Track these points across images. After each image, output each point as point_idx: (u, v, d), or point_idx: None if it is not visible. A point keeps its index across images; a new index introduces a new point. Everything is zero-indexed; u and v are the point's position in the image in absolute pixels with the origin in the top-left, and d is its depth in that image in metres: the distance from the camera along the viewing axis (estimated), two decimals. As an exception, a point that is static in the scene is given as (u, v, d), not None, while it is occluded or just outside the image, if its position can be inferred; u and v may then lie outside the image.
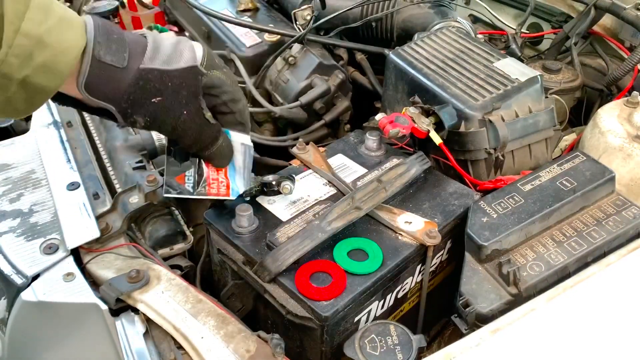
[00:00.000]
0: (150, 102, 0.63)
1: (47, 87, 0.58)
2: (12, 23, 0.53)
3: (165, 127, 0.67)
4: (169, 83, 0.64)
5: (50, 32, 0.56)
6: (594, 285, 0.68)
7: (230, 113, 0.71)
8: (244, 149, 0.75)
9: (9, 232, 0.82)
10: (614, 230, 0.76)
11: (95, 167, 1.00)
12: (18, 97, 0.57)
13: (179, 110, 0.65)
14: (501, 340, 0.62)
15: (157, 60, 0.63)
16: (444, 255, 0.84)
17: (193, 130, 0.68)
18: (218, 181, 0.77)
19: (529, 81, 0.92)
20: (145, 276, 0.73)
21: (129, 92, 0.62)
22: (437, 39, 1.05)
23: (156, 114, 0.65)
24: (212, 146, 0.71)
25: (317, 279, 0.70)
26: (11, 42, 0.53)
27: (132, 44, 0.63)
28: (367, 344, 0.64)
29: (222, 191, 0.77)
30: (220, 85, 0.68)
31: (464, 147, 0.90)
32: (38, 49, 0.55)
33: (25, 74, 0.55)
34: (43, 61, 0.56)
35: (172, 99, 0.64)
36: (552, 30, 1.38)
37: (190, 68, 0.65)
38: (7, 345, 0.82)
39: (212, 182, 0.77)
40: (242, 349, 0.64)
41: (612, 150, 0.89)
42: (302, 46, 1.21)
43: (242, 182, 0.78)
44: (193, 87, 0.65)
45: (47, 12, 0.57)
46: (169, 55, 0.65)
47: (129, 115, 0.64)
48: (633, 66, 1.10)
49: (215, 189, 0.77)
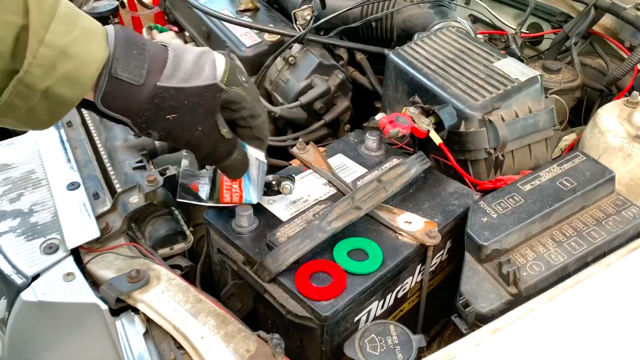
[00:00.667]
0: (165, 119, 0.63)
1: (70, 98, 0.58)
2: (36, 33, 0.54)
3: (180, 141, 0.67)
4: (185, 101, 0.63)
5: (74, 43, 0.56)
6: (594, 285, 0.68)
7: (248, 128, 0.70)
8: (258, 164, 0.75)
9: (9, 232, 0.82)
10: (614, 230, 0.76)
11: (95, 167, 1.00)
12: (41, 108, 0.57)
13: (193, 126, 0.65)
14: (501, 340, 0.62)
15: (175, 78, 0.63)
16: (444, 255, 0.84)
17: (207, 145, 0.68)
18: (232, 190, 0.78)
19: (529, 81, 0.92)
20: (145, 276, 0.73)
21: (143, 108, 0.62)
22: (437, 39, 1.05)
23: (170, 130, 0.65)
24: (225, 160, 0.71)
25: (317, 279, 0.70)
26: (35, 52, 0.54)
27: (152, 59, 0.62)
28: (367, 344, 0.64)
29: (235, 200, 0.78)
30: (240, 102, 0.67)
31: (464, 147, 0.90)
32: (61, 59, 0.55)
33: (48, 85, 0.55)
34: (66, 72, 0.56)
35: (187, 116, 0.64)
36: (552, 30, 1.38)
37: (209, 86, 0.64)
38: (7, 345, 0.82)
39: (226, 191, 0.78)
40: (242, 349, 0.64)
41: (612, 150, 0.89)
42: (302, 46, 1.21)
43: (255, 195, 0.78)
44: (210, 105, 0.65)
45: (72, 23, 0.57)
46: (188, 72, 0.64)
47: (144, 128, 0.64)
48: (633, 66, 1.10)
49: (228, 198, 0.78)
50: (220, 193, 0.78)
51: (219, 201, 0.78)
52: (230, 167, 0.72)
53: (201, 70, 0.64)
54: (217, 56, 0.67)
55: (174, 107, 0.63)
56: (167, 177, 0.89)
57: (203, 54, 0.66)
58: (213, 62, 0.66)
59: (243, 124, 0.70)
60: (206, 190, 0.78)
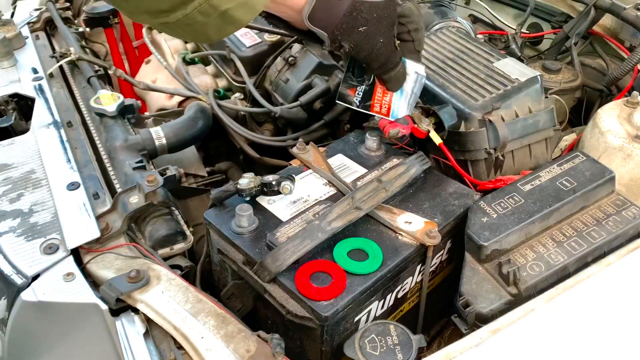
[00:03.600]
0: (357, 31, 0.72)
1: (242, 20, 0.64)
2: None
3: (363, 53, 0.76)
4: (375, 14, 0.72)
5: None
6: (594, 285, 0.68)
7: (411, 41, 0.79)
8: (416, 77, 0.83)
9: (9, 232, 0.82)
10: (614, 230, 0.76)
11: (95, 167, 1.00)
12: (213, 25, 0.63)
13: (377, 38, 0.74)
14: (501, 340, 0.62)
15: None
16: (443, 255, 0.84)
17: (383, 56, 0.77)
18: (382, 102, 0.86)
19: (529, 81, 0.92)
20: (145, 276, 0.73)
21: (342, 21, 0.71)
22: (437, 39, 1.05)
23: (359, 41, 0.73)
24: (392, 71, 0.80)
25: (317, 279, 0.70)
26: None
27: None
28: (367, 344, 0.64)
29: (383, 111, 0.88)
30: (409, 15, 0.76)
31: (464, 147, 0.90)
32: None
33: (229, 7, 0.61)
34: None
35: (374, 28, 0.73)
36: (552, 30, 1.38)
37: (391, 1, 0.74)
38: (7, 345, 0.82)
39: (376, 102, 0.88)
40: (242, 349, 0.64)
41: (612, 150, 0.89)
42: (302, 46, 1.21)
43: (406, 107, 0.86)
44: (392, 17, 0.75)
45: None
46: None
47: (337, 41, 0.73)
48: (633, 66, 1.11)
49: (378, 108, 0.87)
50: (372, 102, 0.88)
51: (369, 109, 0.88)
52: (395, 77, 0.82)
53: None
54: None
55: (366, 19, 0.72)
56: (167, 177, 0.89)
57: None
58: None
59: (407, 38, 0.79)
60: (360, 97, 0.88)
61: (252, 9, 0.63)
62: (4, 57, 1.28)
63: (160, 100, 1.33)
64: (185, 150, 1.13)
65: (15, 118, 1.15)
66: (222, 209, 0.82)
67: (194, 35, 0.66)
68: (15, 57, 1.31)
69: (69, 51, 1.29)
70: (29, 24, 1.50)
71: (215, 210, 0.82)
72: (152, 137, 1.03)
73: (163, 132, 1.05)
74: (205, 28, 0.63)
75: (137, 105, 1.14)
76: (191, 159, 1.17)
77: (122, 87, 1.54)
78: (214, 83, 1.36)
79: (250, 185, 0.80)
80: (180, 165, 1.07)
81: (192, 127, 1.10)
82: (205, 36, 0.66)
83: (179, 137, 1.07)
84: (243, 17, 0.63)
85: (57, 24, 1.49)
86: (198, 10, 0.60)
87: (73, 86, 1.26)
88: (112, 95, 1.11)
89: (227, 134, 1.19)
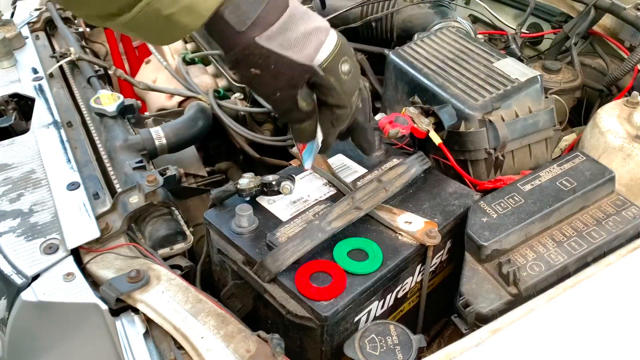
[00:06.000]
0: (249, 70, 0.65)
1: (188, 25, 0.61)
2: None
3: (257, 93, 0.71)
4: (273, 65, 0.64)
5: None
6: (594, 285, 0.68)
7: (329, 112, 0.71)
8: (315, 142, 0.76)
9: (9, 232, 0.82)
10: (614, 230, 0.76)
11: (95, 167, 1.00)
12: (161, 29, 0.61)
13: (273, 89, 0.67)
14: (501, 340, 0.62)
15: (275, 42, 0.63)
16: (444, 255, 0.84)
17: (280, 109, 0.70)
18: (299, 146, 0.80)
19: (529, 81, 0.92)
20: (145, 276, 0.73)
21: (234, 53, 0.64)
22: (437, 39, 1.05)
23: (251, 82, 0.67)
24: (294, 124, 0.72)
25: (317, 279, 0.70)
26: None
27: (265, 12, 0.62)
28: (367, 344, 0.64)
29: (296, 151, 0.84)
30: (328, 90, 0.68)
31: (463, 147, 0.90)
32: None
33: (172, 12, 0.58)
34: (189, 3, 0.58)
35: (269, 78, 0.65)
36: (552, 30, 1.38)
37: (302, 65, 0.64)
38: (7, 345, 0.82)
39: None
40: (242, 349, 0.64)
41: (612, 150, 0.89)
42: (302, 46, 1.20)
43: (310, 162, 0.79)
44: (295, 80, 0.66)
45: None
46: (291, 41, 0.64)
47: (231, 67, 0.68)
48: (633, 66, 1.10)
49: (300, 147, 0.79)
50: None
51: None
52: (298, 132, 0.73)
53: (304, 46, 0.64)
54: (329, 39, 0.67)
55: (260, 64, 0.64)
56: (167, 177, 0.89)
57: (316, 32, 0.65)
58: (320, 44, 0.65)
59: (325, 108, 0.71)
60: None
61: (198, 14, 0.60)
62: (4, 57, 1.28)
63: (160, 100, 1.33)
64: (185, 150, 1.13)
65: (15, 118, 1.15)
66: (222, 209, 0.82)
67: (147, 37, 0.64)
68: (15, 57, 1.31)
69: (69, 51, 1.29)
70: (29, 24, 1.50)
71: (215, 210, 0.82)
72: (152, 137, 1.03)
73: (163, 132, 1.05)
74: (154, 32, 0.62)
75: (137, 105, 1.14)
76: (191, 159, 1.17)
77: (122, 87, 1.54)
78: (214, 83, 1.36)
79: (250, 185, 0.80)
80: (180, 165, 1.07)
81: (192, 127, 1.10)
82: (157, 39, 0.64)
83: (179, 137, 1.06)
84: (189, 22, 0.60)
85: (57, 24, 1.48)
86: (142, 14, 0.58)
87: (73, 86, 1.26)
88: (112, 95, 1.11)
89: (227, 134, 1.19)
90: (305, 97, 0.68)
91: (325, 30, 0.67)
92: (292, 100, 0.67)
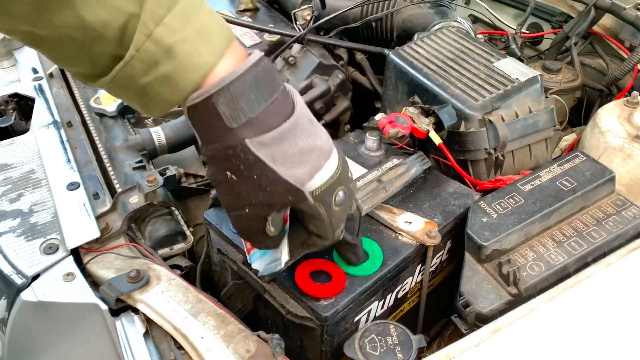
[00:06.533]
0: (223, 172, 0.54)
1: (167, 99, 0.52)
2: (145, 26, 0.49)
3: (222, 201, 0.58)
4: (255, 176, 0.53)
5: (183, 42, 0.50)
6: (594, 285, 0.68)
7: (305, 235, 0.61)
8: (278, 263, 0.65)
9: (9, 232, 0.82)
10: (614, 230, 0.76)
11: (95, 167, 1.00)
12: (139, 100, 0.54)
13: (244, 202, 0.55)
14: (501, 340, 0.62)
15: (267, 150, 0.52)
16: (444, 255, 0.84)
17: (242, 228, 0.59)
18: None
19: (529, 81, 0.92)
20: (145, 276, 0.73)
21: (214, 148, 0.53)
22: (437, 39, 1.05)
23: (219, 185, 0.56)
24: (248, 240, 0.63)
25: (317, 279, 0.70)
26: (139, 45, 0.49)
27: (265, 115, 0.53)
28: (367, 344, 0.64)
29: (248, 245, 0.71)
30: (313, 220, 0.58)
31: (464, 147, 0.90)
32: (165, 58, 0.50)
33: (147, 81, 0.51)
34: (166, 73, 0.50)
35: (245, 189, 0.54)
36: (552, 30, 1.38)
37: (290, 187, 0.54)
38: (7, 345, 0.82)
39: None
40: (242, 349, 0.64)
41: (612, 150, 0.89)
42: (302, 46, 1.21)
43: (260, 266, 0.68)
44: (274, 199, 0.55)
45: (187, 20, 0.50)
46: (284, 155, 0.53)
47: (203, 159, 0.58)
48: (633, 66, 1.10)
49: None
50: None
51: None
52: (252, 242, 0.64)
53: (298, 165, 0.54)
54: (329, 162, 0.56)
55: (240, 171, 0.53)
56: (167, 177, 0.89)
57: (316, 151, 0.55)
58: (316, 169, 0.55)
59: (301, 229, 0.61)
60: None
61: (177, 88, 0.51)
62: (4, 57, 1.28)
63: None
64: (185, 150, 1.13)
65: (15, 118, 1.15)
66: (222, 209, 0.82)
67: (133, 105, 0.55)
68: (15, 57, 1.30)
69: (69, 51, 1.29)
70: (29, 24, 1.50)
71: (215, 210, 0.82)
72: (152, 137, 1.03)
73: (163, 132, 1.05)
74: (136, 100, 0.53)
75: (137, 106, 1.14)
76: (191, 159, 1.17)
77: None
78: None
79: None
80: (180, 165, 1.07)
81: (192, 127, 1.10)
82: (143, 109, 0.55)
83: (179, 137, 1.06)
84: (168, 95, 0.51)
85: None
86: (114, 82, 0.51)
87: (73, 86, 1.25)
88: (112, 95, 1.11)
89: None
90: (276, 222, 0.57)
91: (327, 152, 0.56)
92: (260, 221, 0.56)
